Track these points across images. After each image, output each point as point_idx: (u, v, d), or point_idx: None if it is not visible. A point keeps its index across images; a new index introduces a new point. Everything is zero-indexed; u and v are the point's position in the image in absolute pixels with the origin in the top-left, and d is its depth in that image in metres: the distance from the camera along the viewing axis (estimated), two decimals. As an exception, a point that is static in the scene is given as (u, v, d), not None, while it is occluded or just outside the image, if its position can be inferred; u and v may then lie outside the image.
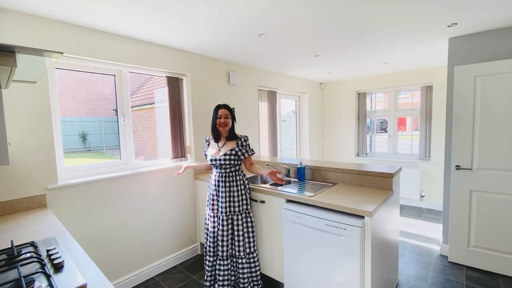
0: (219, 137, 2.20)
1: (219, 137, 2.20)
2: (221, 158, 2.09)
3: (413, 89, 4.43)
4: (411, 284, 2.31)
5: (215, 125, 2.15)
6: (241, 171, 2.19)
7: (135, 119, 2.56)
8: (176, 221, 2.77)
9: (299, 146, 5.08)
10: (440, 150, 4.01)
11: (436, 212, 4.00)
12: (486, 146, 2.39)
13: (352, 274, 1.67)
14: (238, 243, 2.11)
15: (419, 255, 2.78)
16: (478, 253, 2.49)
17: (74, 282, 0.94)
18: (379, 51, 3.03)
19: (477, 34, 2.50)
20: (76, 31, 2.01)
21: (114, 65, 2.31)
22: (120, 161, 2.43)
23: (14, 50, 0.78)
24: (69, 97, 2.26)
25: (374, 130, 5.05)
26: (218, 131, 2.16)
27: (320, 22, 2.11)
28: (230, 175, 2.12)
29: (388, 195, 1.92)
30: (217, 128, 2.14)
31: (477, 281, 2.31)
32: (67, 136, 2.20)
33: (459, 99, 2.49)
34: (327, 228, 1.75)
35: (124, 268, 2.36)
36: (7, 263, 1.05)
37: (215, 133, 2.19)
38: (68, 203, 2.02)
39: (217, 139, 2.20)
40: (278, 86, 4.18)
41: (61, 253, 1.15)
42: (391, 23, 2.16)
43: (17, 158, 1.79)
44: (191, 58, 2.85)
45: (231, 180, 2.12)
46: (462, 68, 2.46)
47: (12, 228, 1.49)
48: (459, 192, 2.54)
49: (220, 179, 2.13)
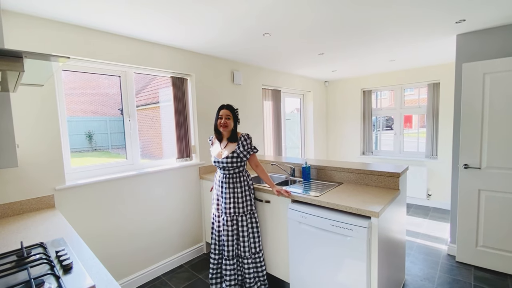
0: (222, 138, 2.18)
1: (222, 138, 2.18)
2: (223, 161, 2.08)
3: (419, 86, 4.37)
4: (418, 284, 2.29)
5: (216, 125, 2.15)
6: (246, 172, 2.18)
7: (140, 118, 2.57)
8: (182, 221, 2.78)
9: (304, 145, 5.06)
10: (447, 148, 3.95)
11: (443, 211, 3.95)
12: (496, 144, 2.34)
13: (359, 274, 1.66)
14: (243, 244, 2.11)
15: (426, 255, 2.75)
16: (486, 253, 2.45)
17: (83, 284, 0.95)
18: (385, 49, 2.99)
19: (485, 31, 2.44)
20: (82, 33, 2.02)
21: (120, 66, 2.33)
22: (126, 161, 2.45)
23: (21, 55, 0.79)
24: (75, 97, 2.28)
25: (379, 128, 5.00)
26: (219, 131, 2.14)
27: (325, 21, 2.09)
28: (234, 176, 2.11)
29: (394, 195, 1.90)
30: (217, 128, 2.13)
31: (486, 282, 2.28)
32: (73, 136, 2.22)
33: (467, 96, 2.45)
34: (333, 229, 1.74)
35: (131, 268, 2.38)
36: (17, 265, 1.06)
37: (217, 133, 2.17)
38: (75, 204, 2.05)
39: (220, 139, 2.18)
40: (282, 84, 4.16)
41: (70, 254, 1.16)
42: (398, 19, 2.13)
43: (26, 159, 1.82)
44: (195, 58, 2.85)
45: (235, 181, 2.10)
46: (470, 65, 2.41)
47: (21, 229, 1.52)
48: (467, 191, 2.50)
49: (224, 180, 2.12)
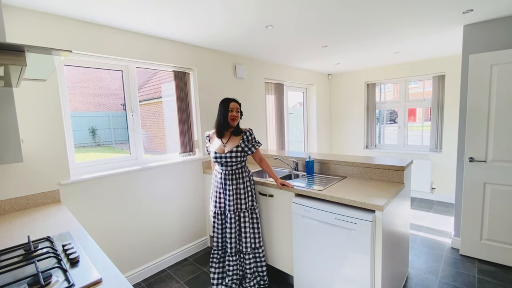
0: (223, 133, 2.08)
1: (223, 133, 2.08)
2: (227, 156, 2.02)
3: (424, 79, 4.31)
4: (422, 277, 2.29)
5: (226, 118, 2.03)
6: (246, 167, 2.16)
7: (142, 113, 2.56)
8: (186, 215, 2.80)
9: (307, 139, 5.04)
10: (452, 142, 3.91)
11: (447, 205, 3.94)
12: (502, 137, 2.31)
13: (362, 267, 1.66)
14: (245, 239, 2.12)
15: (429, 248, 2.75)
16: (491, 246, 2.44)
17: (90, 277, 0.96)
18: (390, 40, 2.94)
19: (493, 21, 2.39)
20: (84, 27, 2.01)
21: (122, 60, 2.31)
22: (130, 156, 2.46)
23: (23, 50, 0.78)
24: (78, 92, 2.28)
25: (383, 122, 4.95)
26: (227, 125, 2.05)
27: (329, 12, 2.05)
28: (236, 172, 2.07)
29: (399, 189, 1.89)
30: (228, 122, 2.04)
31: (489, 274, 2.28)
32: (77, 131, 2.23)
33: (474, 88, 2.41)
34: (337, 222, 1.74)
35: (136, 261, 2.41)
36: (24, 259, 1.08)
37: (223, 127, 2.06)
38: (80, 198, 2.07)
39: (221, 135, 2.08)
40: (285, 78, 4.12)
41: (76, 248, 1.18)
42: (403, 9, 2.08)
43: (30, 155, 1.83)
44: (198, 52, 2.83)
45: (238, 178, 2.08)
46: (477, 57, 2.36)
47: (28, 223, 1.54)
48: (472, 185, 2.48)
49: (226, 177, 2.07)
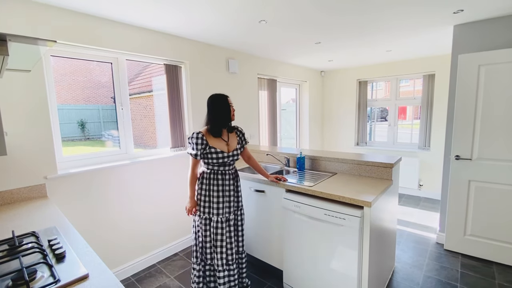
0: (221, 131, 1.88)
1: (221, 131, 1.88)
2: (234, 154, 1.89)
3: (415, 78, 4.38)
4: (407, 271, 2.36)
5: (228, 115, 1.88)
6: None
7: (133, 107, 2.52)
8: (176, 209, 2.78)
9: (299, 135, 5.06)
10: (440, 140, 4.00)
11: (434, 201, 4.04)
12: (488, 136, 2.38)
13: (350, 261, 1.70)
14: (242, 238, 2.05)
15: (415, 243, 2.82)
16: (473, 241, 2.53)
17: (76, 272, 0.95)
18: (382, 38, 2.96)
19: (483, 22, 2.43)
20: (71, 17, 1.94)
21: (111, 52, 2.26)
22: (120, 150, 2.42)
23: (5, 39, 0.76)
24: (66, 84, 2.22)
25: (374, 119, 5.02)
26: (225, 123, 1.89)
27: (323, 8, 2.05)
28: (235, 170, 2.00)
29: (387, 186, 1.92)
30: (231, 118, 1.90)
31: (472, 269, 2.36)
32: (65, 124, 2.18)
33: (462, 88, 2.46)
34: (326, 218, 1.76)
35: (125, 256, 2.40)
36: (8, 254, 1.06)
37: (224, 125, 1.89)
38: (68, 193, 2.03)
39: (219, 133, 1.87)
40: (278, 74, 4.11)
41: (63, 243, 1.16)
42: (395, 8, 2.10)
43: (15, 148, 1.78)
44: (190, 45, 2.78)
45: (237, 175, 2.01)
46: (466, 57, 2.41)
47: (13, 218, 1.50)
48: (457, 182, 2.55)
49: (231, 177, 1.92)
